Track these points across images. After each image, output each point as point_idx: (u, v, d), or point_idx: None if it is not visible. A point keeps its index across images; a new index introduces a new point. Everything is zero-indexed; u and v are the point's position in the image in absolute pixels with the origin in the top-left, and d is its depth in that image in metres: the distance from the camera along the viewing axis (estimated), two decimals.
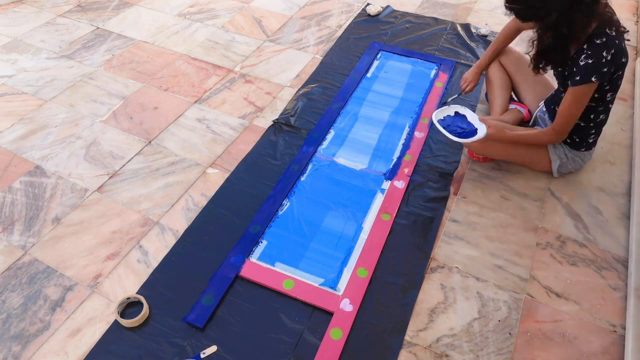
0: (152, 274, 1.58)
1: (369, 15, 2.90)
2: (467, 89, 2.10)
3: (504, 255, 1.65)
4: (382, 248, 1.65)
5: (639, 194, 1.79)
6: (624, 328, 1.46)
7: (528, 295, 1.55)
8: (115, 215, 1.76)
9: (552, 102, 1.85)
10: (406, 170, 1.93)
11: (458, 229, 1.73)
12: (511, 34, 1.99)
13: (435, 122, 1.82)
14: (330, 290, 1.53)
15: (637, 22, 2.90)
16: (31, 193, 1.83)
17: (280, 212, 1.77)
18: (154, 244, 1.67)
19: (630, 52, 2.63)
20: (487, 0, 3.09)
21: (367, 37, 2.72)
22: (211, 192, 1.85)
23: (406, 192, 1.85)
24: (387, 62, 2.53)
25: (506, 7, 1.55)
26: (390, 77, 2.43)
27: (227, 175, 1.92)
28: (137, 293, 1.52)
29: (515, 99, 2.14)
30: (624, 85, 2.39)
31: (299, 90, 2.34)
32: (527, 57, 1.83)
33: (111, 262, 1.62)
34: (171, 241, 1.68)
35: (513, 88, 2.11)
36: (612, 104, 1.70)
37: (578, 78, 1.57)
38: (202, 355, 1.38)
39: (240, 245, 1.65)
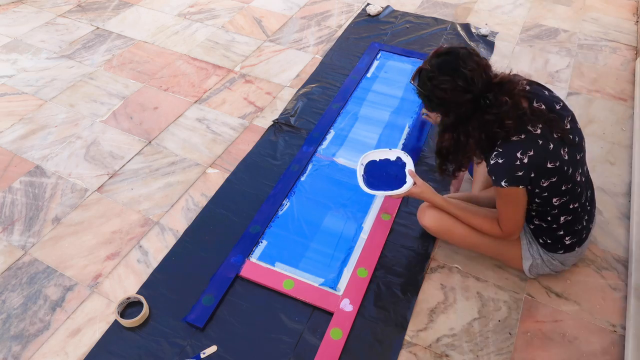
0: (152, 274, 1.58)
1: (369, 15, 2.90)
2: None
3: None
4: (382, 248, 1.65)
5: (639, 193, 1.79)
6: (624, 328, 1.46)
7: (528, 295, 1.54)
8: (115, 215, 1.76)
9: None
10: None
11: None
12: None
13: (360, 163, 1.55)
14: (330, 290, 1.53)
15: (637, 22, 2.90)
16: (31, 193, 1.83)
17: (280, 212, 1.77)
18: (154, 244, 1.67)
19: (630, 52, 2.63)
20: (487, 0, 3.09)
21: (367, 37, 2.72)
22: (211, 192, 1.85)
23: None
24: (387, 62, 2.53)
25: (416, 93, 1.34)
26: (390, 77, 2.43)
27: (227, 175, 1.92)
28: (137, 293, 1.52)
29: None
30: (624, 85, 2.39)
31: (299, 90, 2.34)
32: None
33: (111, 262, 1.62)
34: (171, 241, 1.68)
35: None
36: (574, 204, 1.36)
37: (493, 178, 1.29)
38: (202, 355, 1.38)
39: (240, 245, 1.65)
